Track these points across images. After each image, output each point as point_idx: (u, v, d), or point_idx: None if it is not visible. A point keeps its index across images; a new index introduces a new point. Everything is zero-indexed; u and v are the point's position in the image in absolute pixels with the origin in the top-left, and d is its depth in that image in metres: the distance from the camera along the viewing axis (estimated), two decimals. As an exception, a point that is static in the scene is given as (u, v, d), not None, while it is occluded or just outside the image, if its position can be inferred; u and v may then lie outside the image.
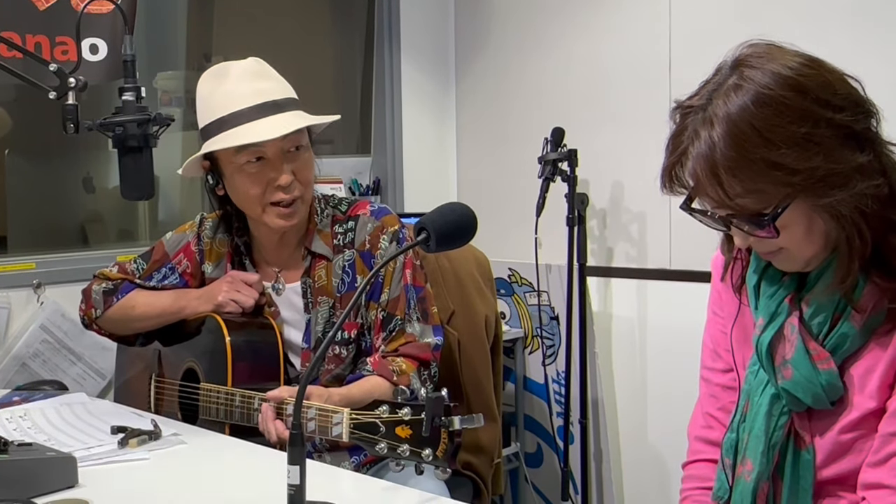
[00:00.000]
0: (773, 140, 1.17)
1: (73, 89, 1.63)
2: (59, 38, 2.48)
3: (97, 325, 2.14)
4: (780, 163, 1.17)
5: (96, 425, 1.79)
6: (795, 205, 1.21)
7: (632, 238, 3.15)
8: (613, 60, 3.16)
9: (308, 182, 1.91)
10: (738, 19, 2.81)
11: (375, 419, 1.33)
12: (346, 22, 3.67)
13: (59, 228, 2.96)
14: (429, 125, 3.63)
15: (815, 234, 1.25)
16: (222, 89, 1.88)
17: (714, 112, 1.21)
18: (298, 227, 1.97)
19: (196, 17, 3.29)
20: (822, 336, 1.29)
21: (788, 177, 1.18)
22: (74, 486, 1.46)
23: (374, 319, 1.93)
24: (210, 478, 1.58)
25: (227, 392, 1.84)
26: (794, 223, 1.23)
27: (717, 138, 1.19)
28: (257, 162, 1.87)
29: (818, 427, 1.31)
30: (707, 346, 1.54)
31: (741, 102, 1.19)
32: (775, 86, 1.19)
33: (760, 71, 1.21)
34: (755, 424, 1.35)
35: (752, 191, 1.20)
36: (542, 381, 3.34)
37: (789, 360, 1.31)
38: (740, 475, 1.37)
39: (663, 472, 3.11)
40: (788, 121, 1.18)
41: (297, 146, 1.89)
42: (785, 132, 1.17)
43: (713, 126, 1.20)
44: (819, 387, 1.28)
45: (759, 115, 1.18)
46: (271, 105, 1.85)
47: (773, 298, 1.35)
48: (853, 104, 1.22)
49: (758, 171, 1.19)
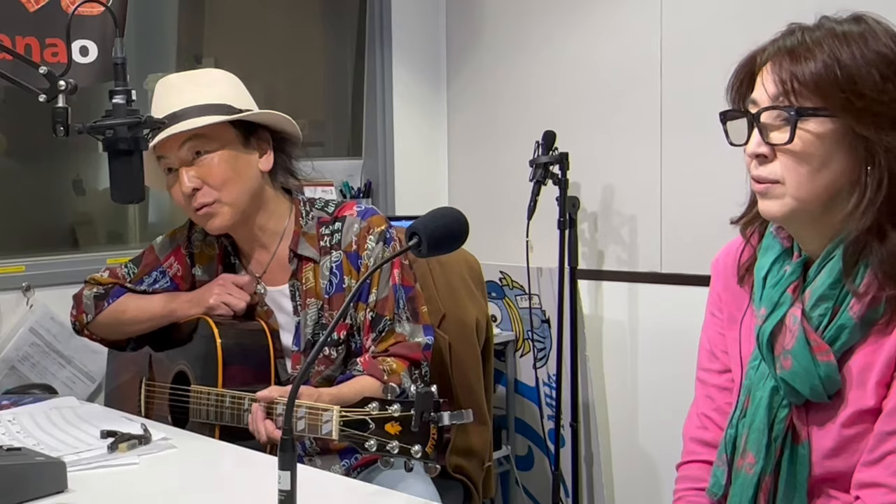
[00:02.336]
0: (867, 58, 1.21)
1: (63, 92, 1.62)
2: (49, 39, 2.47)
3: (89, 331, 2.13)
4: (861, 76, 1.21)
5: (86, 430, 1.78)
6: (834, 124, 1.22)
7: (623, 241, 3.16)
8: (605, 64, 3.17)
9: (221, 184, 1.90)
10: (729, 21, 2.82)
11: (365, 416, 1.33)
12: (338, 24, 3.66)
13: (49, 231, 2.94)
14: (420, 128, 3.63)
15: (824, 172, 1.24)
16: (153, 106, 1.96)
17: (823, 30, 1.26)
18: (266, 228, 1.98)
19: (187, 18, 3.28)
20: (822, 328, 1.29)
21: (858, 90, 1.21)
22: (63, 492, 1.45)
23: (363, 320, 1.93)
24: (200, 483, 1.57)
25: (218, 393, 1.83)
26: (816, 145, 1.23)
27: (816, 34, 1.25)
28: (171, 173, 1.94)
29: (815, 421, 1.32)
30: (704, 347, 1.54)
31: (851, 30, 1.24)
32: (887, 37, 1.24)
33: (877, 26, 1.26)
34: (756, 418, 1.35)
35: (818, 84, 1.22)
36: (533, 384, 3.34)
37: (789, 351, 1.31)
38: (740, 468, 1.36)
39: (654, 475, 3.11)
40: (886, 62, 1.22)
41: (198, 151, 1.90)
42: (879, 63, 1.22)
43: (815, 32, 1.25)
44: (817, 378, 1.28)
45: (863, 44, 1.22)
46: (170, 116, 1.89)
47: (776, 288, 1.35)
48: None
49: (832, 75, 1.21)
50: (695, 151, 2.91)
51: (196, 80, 1.98)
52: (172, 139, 1.88)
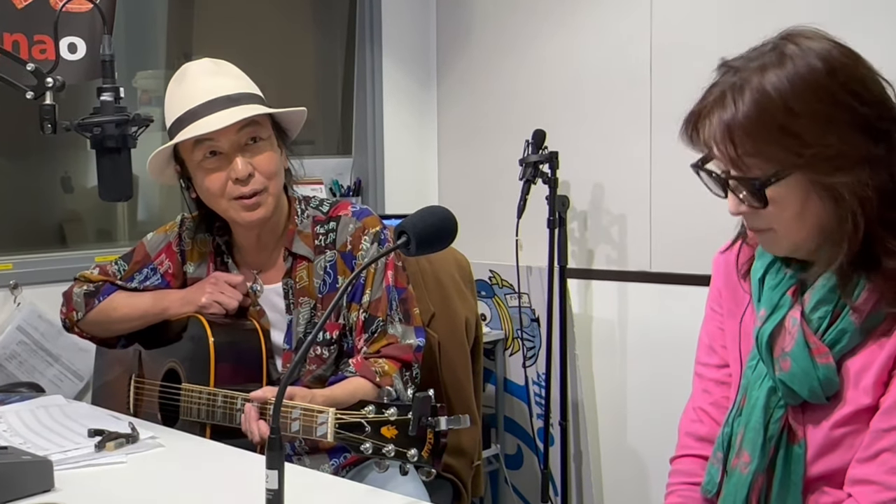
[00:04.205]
0: (795, 110, 1.21)
1: (51, 89, 1.61)
2: (37, 36, 2.45)
3: (79, 328, 2.12)
4: (796, 132, 1.21)
5: (73, 428, 1.78)
6: (795, 179, 1.23)
7: (612, 240, 3.16)
8: (595, 63, 3.17)
9: (271, 174, 1.90)
10: (719, 21, 2.83)
11: (361, 419, 1.33)
12: (328, 22, 3.66)
13: (37, 228, 2.93)
14: (410, 126, 3.62)
15: (807, 216, 1.26)
16: (180, 91, 1.90)
17: (748, 78, 1.24)
18: (273, 226, 1.97)
19: (176, 15, 3.26)
20: (822, 331, 1.30)
21: (800, 148, 1.21)
22: (50, 490, 1.45)
23: (355, 321, 1.93)
24: (188, 482, 1.57)
25: (210, 392, 1.83)
26: (790, 199, 1.25)
27: (744, 104, 1.23)
28: (214, 157, 1.88)
29: (811, 420, 1.32)
30: (703, 341, 1.55)
31: (775, 78, 1.23)
32: (811, 67, 1.23)
33: (802, 49, 1.25)
34: (752, 417, 1.36)
35: (761, 153, 1.23)
36: (522, 382, 3.34)
37: (788, 353, 1.31)
38: (735, 467, 1.37)
39: (642, 473, 3.12)
40: (815, 98, 1.21)
41: (254, 138, 1.89)
42: (808, 106, 1.21)
43: (743, 94, 1.24)
44: (816, 380, 1.29)
45: (789, 90, 1.22)
46: (223, 99, 1.85)
47: (775, 290, 1.36)
48: (880, 104, 1.24)
49: (771, 135, 1.22)
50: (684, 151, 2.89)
51: (228, 69, 1.95)
52: (231, 123, 1.83)
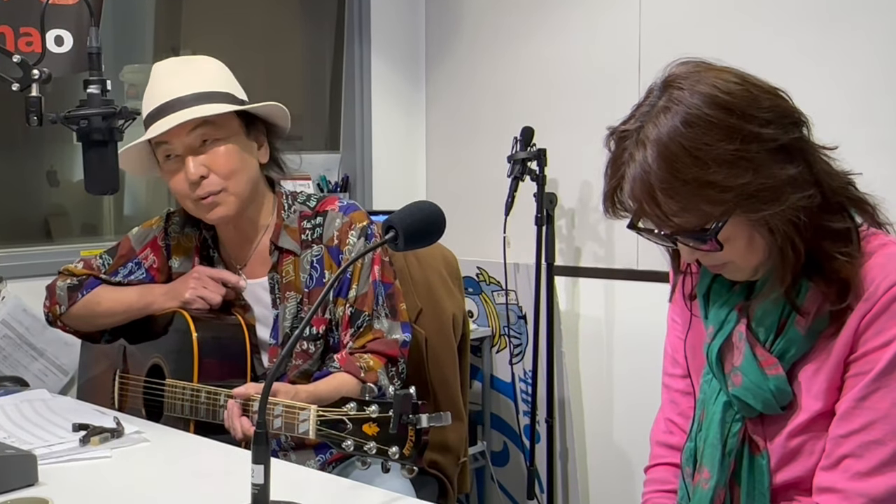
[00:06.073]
0: (703, 159, 1.19)
1: (37, 81, 1.60)
2: (24, 28, 2.44)
3: (62, 322, 2.11)
4: (712, 181, 1.19)
5: (57, 422, 1.77)
6: (734, 220, 1.23)
7: (600, 238, 3.17)
8: (584, 60, 3.17)
9: (228, 174, 1.89)
10: (707, 18, 2.83)
11: (343, 416, 1.32)
12: (317, 17, 3.65)
13: (22, 222, 2.91)
14: (398, 122, 3.62)
15: (756, 245, 1.27)
16: (148, 91, 1.92)
17: (646, 135, 1.24)
18: (248, 221, 1.97)
19: (164, 9, 3.25)
20: (770, 342, 1.31)
21: (721, 194, 1.20)
22: (34, 485, 1.44)
23: (342, 315, 1.93)
24: (173, 476, 1.56)
25: (193, 388, 1.82)
26: (736, 237, 1.25)
27: (650, 161, 1.22)
28: (171, 160, 1.90)
29: (770, 431, 1.34)
30: (667, 352, 1.56)
31: (670, 124, 1.22)
32: (702, 105, 1.21)
33: (688, 91, 1.24)
34: (710, 433, 1.37)
35: (689, 209, 1.22)
36: (508, 379, 3.34)
37: (738, 367, 1.33)
38: (697, 483, 1.38)
39: (628, 471, 3.12)
40: (717, 139, 1.19)
41: (205, 139, 1.88)
42: (714, 151, 1.19)
43: (646, 149, 1.23)
44: (769, 392, 1.30)
45: (688, 136, 1.20)
46: (176, 101, 1.85)
47: (722, 307, 1.38)
48: (780, 116, 1.23)
49: (691, 191, 1.21)
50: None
51: (195, 67, 1.94)
52: (180, 125, 1.84)
